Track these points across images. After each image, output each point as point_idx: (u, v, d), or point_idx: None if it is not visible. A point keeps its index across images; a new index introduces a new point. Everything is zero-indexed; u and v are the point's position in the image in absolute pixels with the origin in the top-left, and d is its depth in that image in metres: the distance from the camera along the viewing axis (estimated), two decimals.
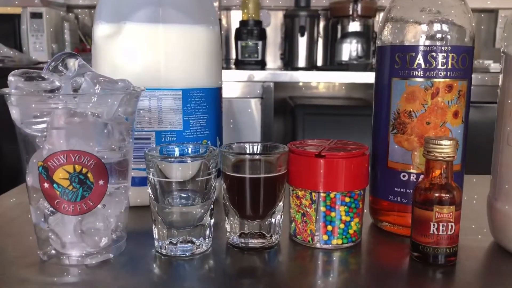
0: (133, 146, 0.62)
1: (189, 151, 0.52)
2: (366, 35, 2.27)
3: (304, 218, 0.52)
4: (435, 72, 0.51)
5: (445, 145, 0.46)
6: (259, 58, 2.34)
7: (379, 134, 0.56)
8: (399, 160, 0.54)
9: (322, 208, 0.51)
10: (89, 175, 0.46)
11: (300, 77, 2.16)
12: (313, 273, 0.47)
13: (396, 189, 0.54)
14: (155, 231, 0.50)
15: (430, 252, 0.47)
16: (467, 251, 0.51)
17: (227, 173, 0.51)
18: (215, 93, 0.65)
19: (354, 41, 2.28)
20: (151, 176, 0.49)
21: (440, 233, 0.46)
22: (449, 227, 0.46)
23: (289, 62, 2.38)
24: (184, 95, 0.62)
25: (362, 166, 0.52)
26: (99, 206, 0.47)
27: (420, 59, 0.51)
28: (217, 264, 0.49)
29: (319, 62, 2.44)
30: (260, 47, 2.36)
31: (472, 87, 0.54)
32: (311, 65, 2.33)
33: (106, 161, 0.47)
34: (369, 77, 2.04)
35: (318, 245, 0.51)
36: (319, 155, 0.50)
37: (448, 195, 0.46)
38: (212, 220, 0.52)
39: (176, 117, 0.62)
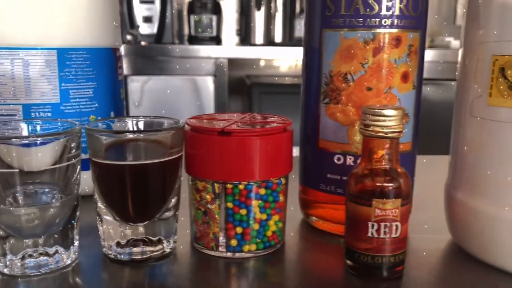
0: None
1: (38, 129, 0.38)
2: None
3: (206, 217, 0.39)
4: (378, 20, 0.38)
5: (388, 116, 0.33)
6: (214, 34, 2.19)
7: (309, 106, 0.43)
8: (332, 138, 0.41)
9: (229, 204, 0.38)
10: None
11: (256, 53, 2.03)
12: None
13: (328, 175, 0.42)
14: None
15: (369, 261, 0.35)
16: (419, 256, 0.39)
17: (94, 159, 0.37)
18: (107, 54, 0.51)
19: None
20: None
21: (382, 236, 0.34)
22: (394, 228, 0.34)
23: (246, 38, 2.24)
24: (60, 56, 0.47)
25: (283, 146, 0.39)
26: None
27: (358, 3, 0.38)
28: (85, 283, 0.36)
29: (278, 39, 2.31)
30: (214, 22, 2.21)
31: (432, 63, 0.41)
32: (268, 42, 2.20)
33: None
34: None
35: (224, 253, 0.39)
36: (223, 132, 0.37)
37: (392, 184, 0.34)
38: (77, 223, 0.38)
39: (50, 86, 0.47)
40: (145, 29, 2.04)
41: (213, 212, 0.38)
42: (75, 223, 0.37)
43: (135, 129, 0.39)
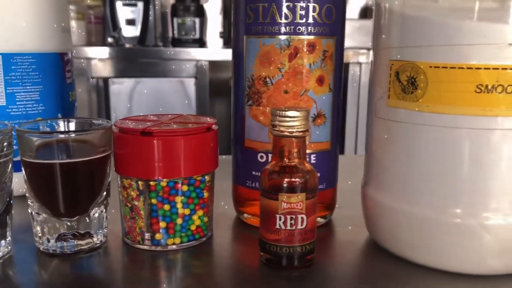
0: None
1: None
2: None
3: (133, 213, 0.41)
4: (293, 27, 0.41)
5: (291, 117, 0.36)
6: (197, 36, 2.21)
7: (236, 108, 0.45)
8: (255, 138, 0.44)
9: (153, 200, 0.40)
10: None
11: None
12: (139, 282, 0.37)
13: (253, 173, 0.44)
14: None
15: (278, 252, 0.37)
16: (336, 247, 0.42)
17: (25, 159, 0.39)
18: (53, 59, 0.53)
19: None
20: None
21: (288, 228, 0.37)
22: (300, 220, 0.37)
23: (229, 40, 2.26)
24: (4, 61, 0.49)
25: (205, 145, 0.41)
26: None
27: (274, 11, 0.41)
28: (15, 274, 0.38)
29: None
30: (198, 25, 2.23)
31: None
32: None
33: None
34: None
35: (149, 246, 0.41)
36: (144, 132, 0.39)
37: (298, 179, 0.37)
38: (11, 219, 0.40)
39: None
40: (128, 31, 2.06)
41: (138, 208, 0.41)
42: (7, 219, 0.40)
43: (66, 129, 0.42)
